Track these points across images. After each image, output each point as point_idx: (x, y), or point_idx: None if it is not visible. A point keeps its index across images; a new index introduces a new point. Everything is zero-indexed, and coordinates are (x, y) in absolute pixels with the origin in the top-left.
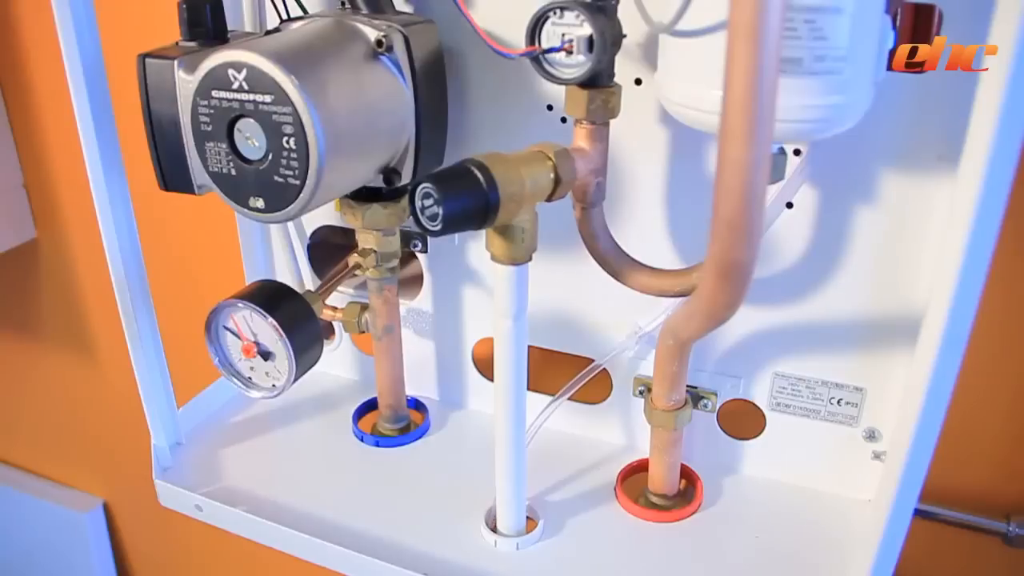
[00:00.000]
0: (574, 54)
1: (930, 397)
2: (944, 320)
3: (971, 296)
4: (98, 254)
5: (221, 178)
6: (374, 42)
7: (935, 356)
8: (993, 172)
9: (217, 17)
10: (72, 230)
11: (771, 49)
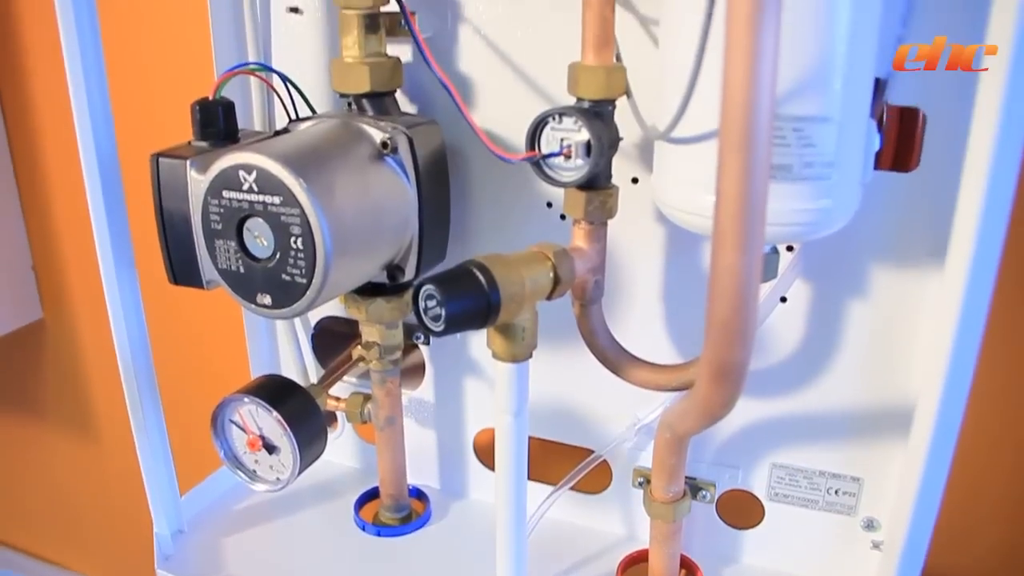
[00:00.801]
0: (572, 158)
1: (924, 487)
2: (935, 412)
3: (961, 387)
4: (104, 336)
5: (229, 275)
6: (379, 144)
7: (927, 447)
8: (978, 266)
9: (229, 119)
10: (79, 312)
11: (761, 161)
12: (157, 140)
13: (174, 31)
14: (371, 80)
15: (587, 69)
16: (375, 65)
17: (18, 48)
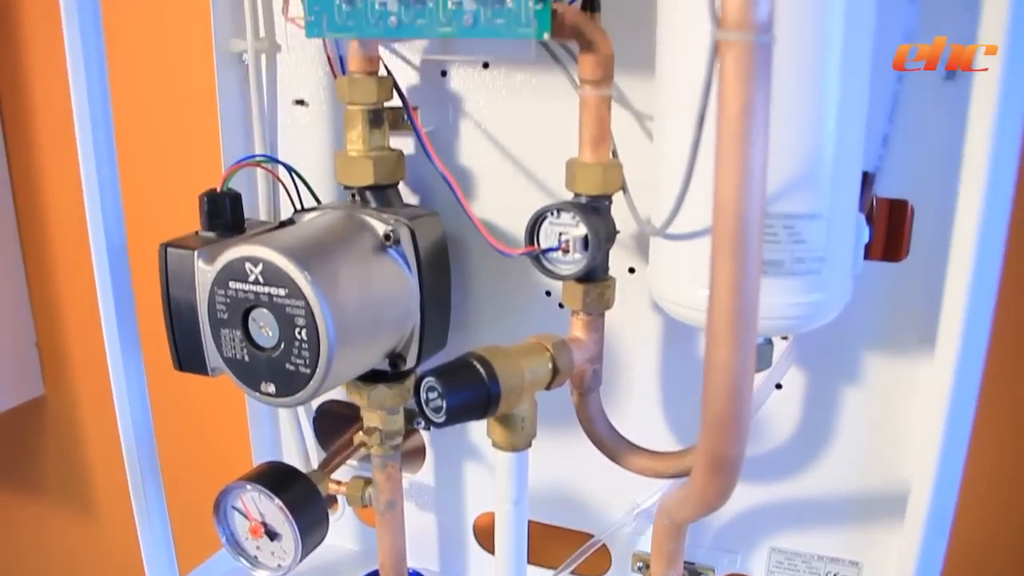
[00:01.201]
0: (571, 252)
1: (921, 570)
2: (929, 496)
3: (953, 471)
4: (106, 413)
5: (234, 363)
6: (382, 236)
7: (923, 531)
8: (966, 353)
9: (236, 210)
10: (80, 389)
11: (752, 263)
12: (165, 227)
13: (183, 121)
14: (375, 174)
15: (584, 166)
16: (378, 159)
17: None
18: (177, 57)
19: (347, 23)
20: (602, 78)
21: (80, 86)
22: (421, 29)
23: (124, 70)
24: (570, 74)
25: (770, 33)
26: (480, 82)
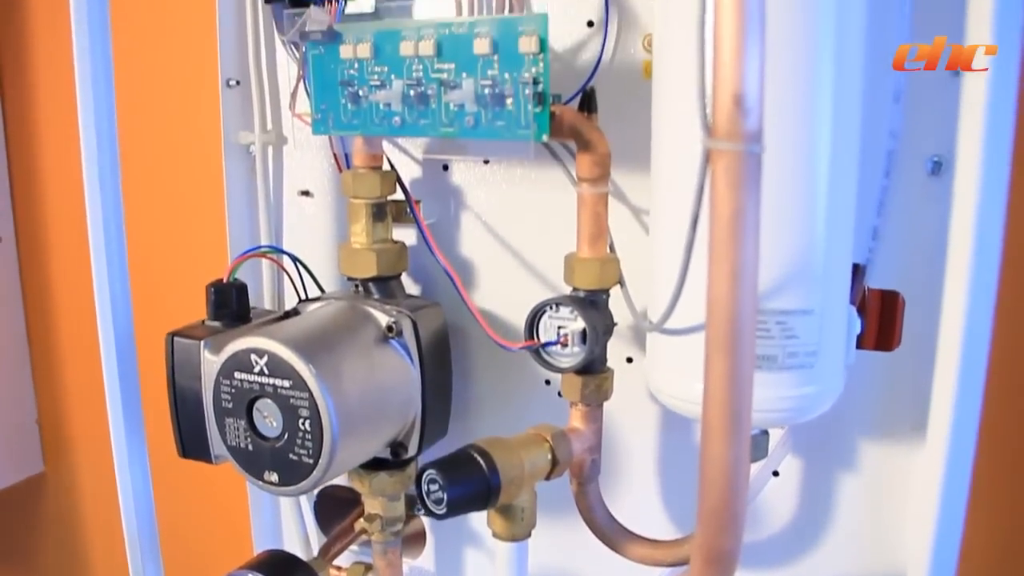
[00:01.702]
0: (569, 346)
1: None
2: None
3: (949, 559)
4: (107, 494)
5: (238, 452)
6: (385, 327)
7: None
8: (956, 442)
9: (242, 300)
10: (81, 467)
11: (745, 362)
12: (171, 312)
13: (191, 209)
14: (378, 266)
15: (582, 261)
16: (381, 251)
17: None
18: (186, 148)
19: (352, 121)
20: (599, 176)
21: (93, 181)
22: (424, 129)
23: (134, 160)
24: (568, 171)
25: (760, 142)
26: (481, 176)
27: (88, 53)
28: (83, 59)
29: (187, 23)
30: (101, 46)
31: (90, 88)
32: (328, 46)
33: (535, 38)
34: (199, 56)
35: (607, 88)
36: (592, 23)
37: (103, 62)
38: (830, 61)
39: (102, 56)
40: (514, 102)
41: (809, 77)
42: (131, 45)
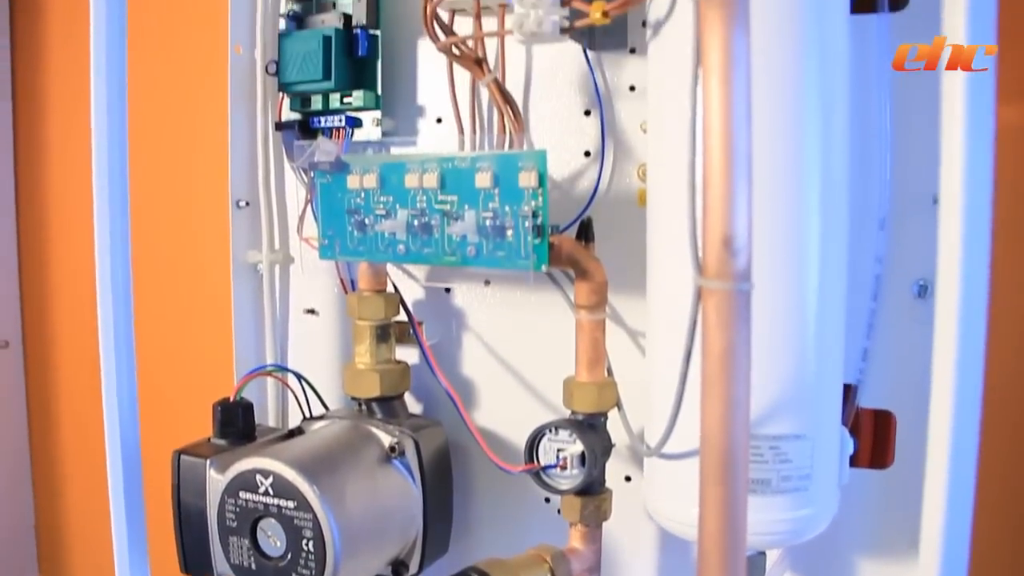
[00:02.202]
0: (569, 468)
1: None
2: None
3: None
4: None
5: (241, 570)
6: (387, 448)
7: None
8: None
9: (247, 419)
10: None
11: (739, 489)
12: (177, 426)
13: (199, 325)
14: (381, 387)
15: (580, 386)
16: (385, 372)
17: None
18: (195, 265)
19: (358, 248)
20: (596, 304)
21: (106, 296)
22: (428, 257)
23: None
24: (567, 295)
25: (749, 280)
26: (482, 298)
27: (107, 178)
28: (101, 183)
29: (200, 144)
30: (119, 171)
31: (106, 206)
32: (336, 175)
33: (534, 173)
34: (211, 177)
35: (604, 215)
36: (589, 153)
37: (119, 183)
38: (816, 198)
39: (119, 176)
40: (514, 233)
41: (796, 214)
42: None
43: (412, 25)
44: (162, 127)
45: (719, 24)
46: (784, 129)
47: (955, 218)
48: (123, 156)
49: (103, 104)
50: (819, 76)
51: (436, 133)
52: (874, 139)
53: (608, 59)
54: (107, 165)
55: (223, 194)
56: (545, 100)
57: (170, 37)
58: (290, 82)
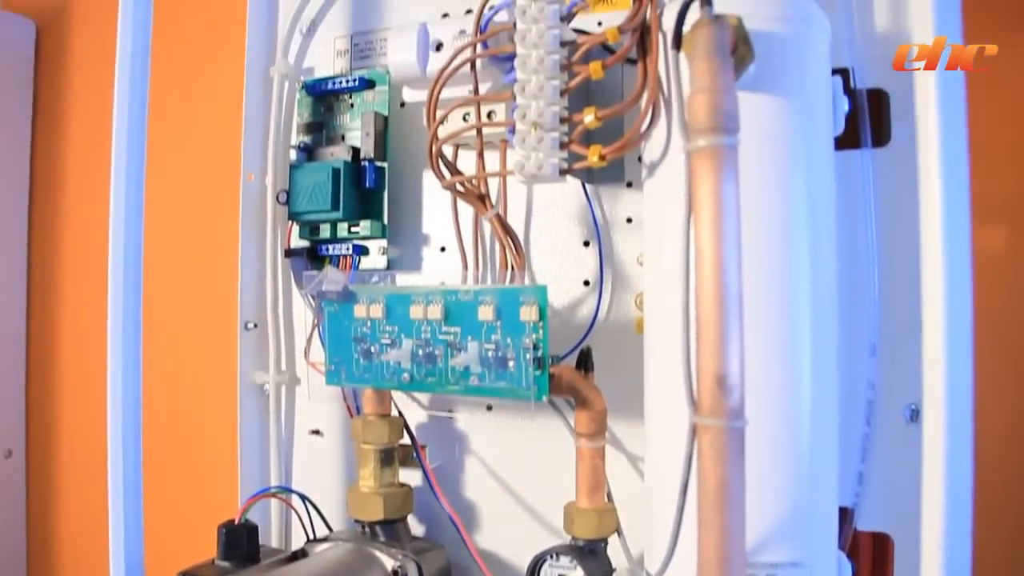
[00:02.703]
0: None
1: None
2: None
3: None
4: None
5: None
6: (391, 572)
7: None
8: None
9: (252, 541)
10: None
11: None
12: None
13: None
14: (384, 510)
15: (581, 512)
16: (388, 496)
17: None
18: (202, 385)
19: (364, 375)
20: (596, 432)
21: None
22: (432, 386)
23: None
24: (568, 422)
25: (742, 417)
26: (484, 423)
27: (121, 298)
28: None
29: (211, 267)
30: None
31: (119, 324)
32: (343, 304)
33: (535, 308)
34: (221, 298)
35: (603, 342)
36: (588, 282)
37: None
38: (808, 331)
39: (132, 297)
40: (516, 364)
41: (788, 348)
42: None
43: (418, 158)
44: (175, 248)
45: (709, 174)
46: (774, 266)
47: (938, 345)
48: (137, 276)
49: (120, 225)
50: (807, 213)
51: (440, 261)
52: (863, 268)
53: (606, 192)
54: (121, 282)
55: (232, 315)
56: (546, 231)
57: (185, 162)
58: (300, 212)
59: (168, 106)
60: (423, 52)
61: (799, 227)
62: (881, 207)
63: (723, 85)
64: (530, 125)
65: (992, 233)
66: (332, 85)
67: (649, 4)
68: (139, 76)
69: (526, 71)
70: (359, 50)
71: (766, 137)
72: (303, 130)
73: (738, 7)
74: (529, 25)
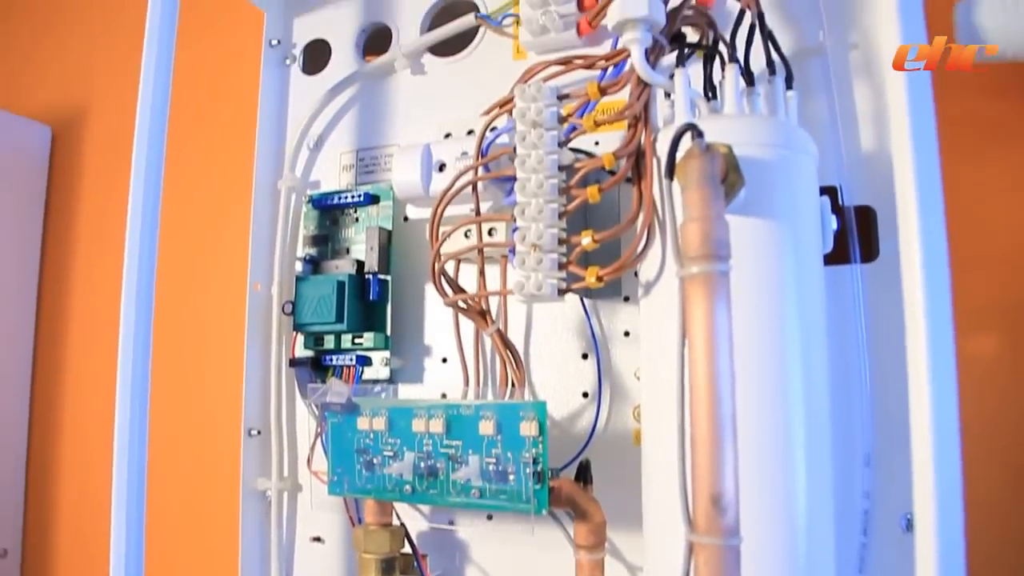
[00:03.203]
0: None
1: None
2: None
3: None
4: None
5: None
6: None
7: None
8: None
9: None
10: None
11: None
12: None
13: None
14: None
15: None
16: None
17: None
18: (205, 491)
19: (366, 486)
20: (595, 544)
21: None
22: (433, 498)
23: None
24: (568, 533)
25: (737, 535)
26: (485, 532)
27: (128, 409)
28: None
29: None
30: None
31: (126, 432)
32: (346, 416)
33: (535, 423)
34: (225, 405)
35: (602, 453)
36: (587, 394)
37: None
38: (802, 446)
39: (139, 409)
40: (516, 478)
41: (783, 464)
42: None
43: (420, 270)
44: (181, 354)
45: (702, 300)
46: (768, 384)
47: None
48: (145, 380)
49: (130, 329)
50: (799, 330)
51: (442, 372)
52: (855, 379)
53: (604, 306)
54: (130, 386)
55: (236, 421)
56: (545, 343)
57: (193, 269)
58: (305, 323)
59: (178, 213)
60: (426, 172)
61: (792, 344)
62: (872, 320)
63: (714, 214)
64: (530, 247)
65: (983, 340)
66: (338, 200)
67: (643, 129)
68: (153, 185)
69: (526, 194)
70: (364, 165)
71: (758, 258)
72: (309, 242)
73: (729, 135)
74: (528, 150)
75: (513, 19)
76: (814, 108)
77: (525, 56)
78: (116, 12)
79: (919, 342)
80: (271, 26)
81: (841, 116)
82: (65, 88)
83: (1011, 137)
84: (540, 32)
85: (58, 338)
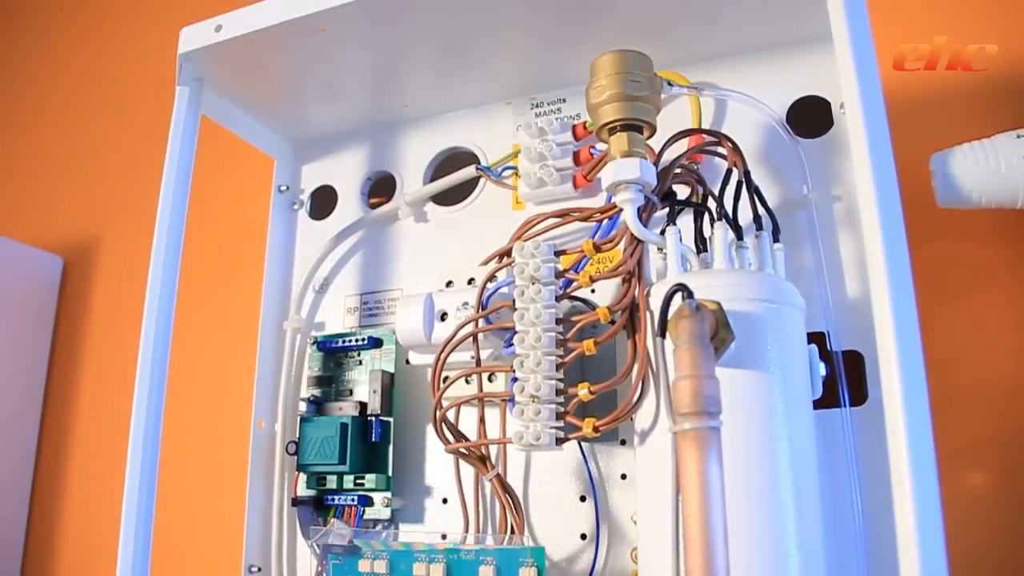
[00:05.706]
0: None
1: None
2: None
3: None
4: None
5: None
6: None
7: None
8: None
9: None
10: None
11: None
12: None
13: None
14: None
15: None
16: None
17: None
18: None
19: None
20: None
21: None
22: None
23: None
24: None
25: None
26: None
27: (131, 549)
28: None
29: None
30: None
31: (129, 567)
32: (348, 558)
33: (534, 569)
34: (226, 543)
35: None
36: (585, 536)
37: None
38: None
39: (142, 547)
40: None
41: None
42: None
43: (422, 413)
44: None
45: (694, 454)
46: (761, 531)
47: None
48: (148, 516)
49: (137, 460)
50: (791, 477)
51: (442, 512)
52: (848, 521)
53: (601, 450)
54: (134, 520)
55: (237, 559)
56: (544, 487)
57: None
58: (308, 463)
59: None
60: (428, 321)
61: (784, 491)
62: (863, 461)
63: (704, 372)
64: (528, 398)
65: (974, 479)
66: (342, 343)
67: (637, 285)
68: (164, 321)
69: (524, 347)
70: (368, 308)
71: (749, 408)
72: (313, 383)
73: (719, 291)
74: (527, 304)
75: (512, 171)
76: (801, 257)
77: (524, 207)
78: (131, 148)
79: (905, 490)
80: (281, 172)
81: (827, 265)
82: (78, 221)
83: None
84: (538, 184)
85: (59, 467)
